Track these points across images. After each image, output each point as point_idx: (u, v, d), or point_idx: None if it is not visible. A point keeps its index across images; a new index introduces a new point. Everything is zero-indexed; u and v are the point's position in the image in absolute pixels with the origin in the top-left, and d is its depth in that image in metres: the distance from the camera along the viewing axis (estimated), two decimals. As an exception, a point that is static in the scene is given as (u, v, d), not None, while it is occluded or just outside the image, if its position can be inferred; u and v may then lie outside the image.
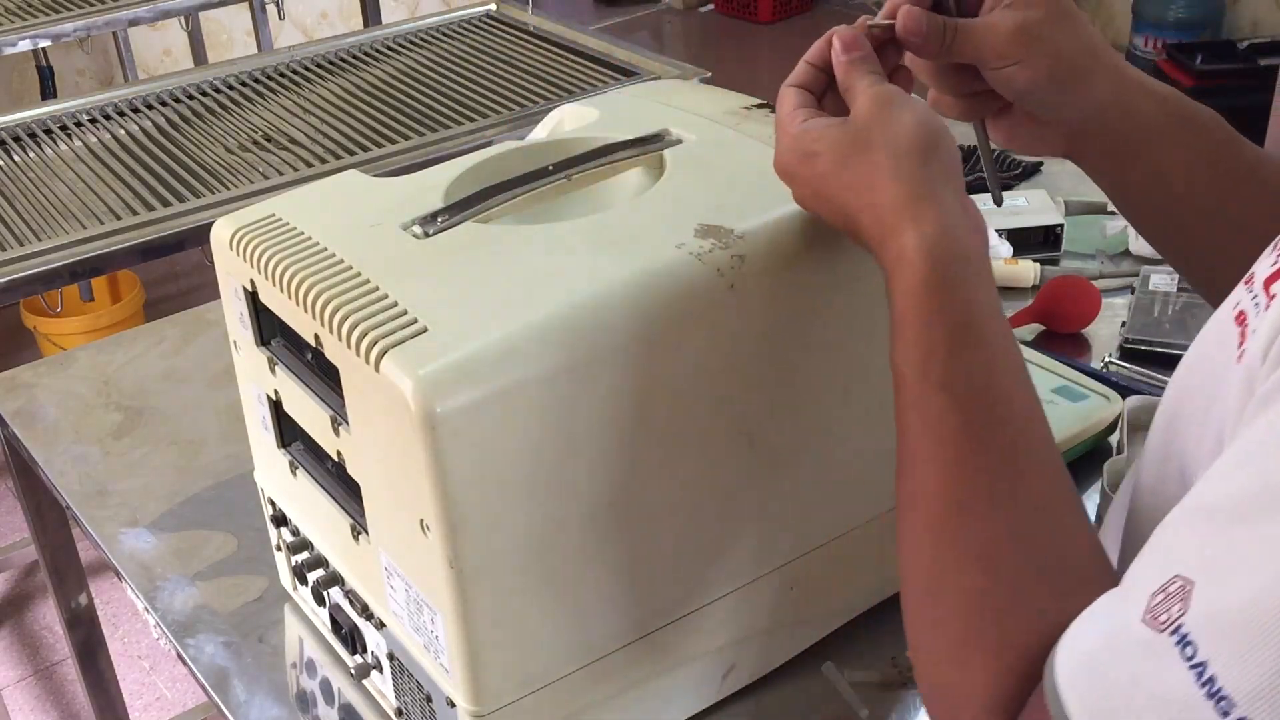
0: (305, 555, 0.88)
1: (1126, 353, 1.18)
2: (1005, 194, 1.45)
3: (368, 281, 0.72)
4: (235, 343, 0.87)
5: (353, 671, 0.88)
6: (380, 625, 0.82)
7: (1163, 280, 1.27)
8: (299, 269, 0.74)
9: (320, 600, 0.89)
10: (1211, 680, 0.43)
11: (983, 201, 1.47)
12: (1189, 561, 0.46)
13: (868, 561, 0.88)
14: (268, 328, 0.83)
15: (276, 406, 0.85)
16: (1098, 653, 0.49)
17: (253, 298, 0.81)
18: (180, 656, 0.96)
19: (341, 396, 0.74)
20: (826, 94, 0.73)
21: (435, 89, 1.99)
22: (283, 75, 2.08)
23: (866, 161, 0.66)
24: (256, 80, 2.06)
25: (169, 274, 3.17)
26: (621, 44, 2.08)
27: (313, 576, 0.87)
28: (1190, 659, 0.43)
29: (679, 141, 0.85)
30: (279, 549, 0.95)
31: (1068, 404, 1.05)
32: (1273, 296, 0.51)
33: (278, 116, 1.92)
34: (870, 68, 0.70)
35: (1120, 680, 0.46)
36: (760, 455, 0.79)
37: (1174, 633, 0.44)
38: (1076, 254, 1.37)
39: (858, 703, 0.85)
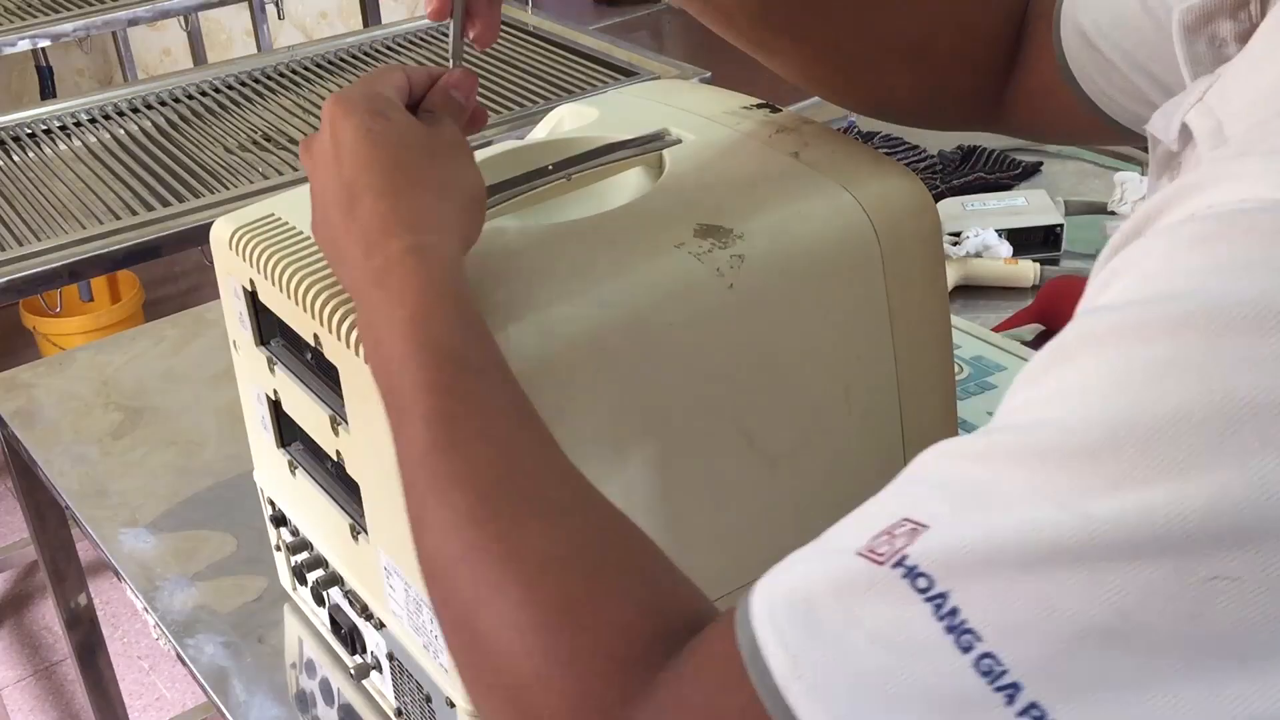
0: (305, 555, 0.88)
1: (1126, 353, 1.17)
2: (1005, 194, 1.45)
3: (367, 281, 0.72)
4: (235, 342, 0.87)
5: (352, 672, 0.87)
6: (380, 625, 0.81)
7: (1163, 280, 1.27)
8: (299, 269, 0.74)
9: (320, 600, 0.89)
10: (954, 612, 0.38)
11: (984, 200, 1.44)
12: (923, 505, 0.42)
13: (868, 562, 0.88)
14: (267, 327, 0.83)
15: (276, 406, 0.85)
16: (802, 590, 0.42)
17: (252, 297, 0.81)
18: (180, 657, 0.96)
19: (341, 396, 0.74)
20: None
21: (435, 89, 1.98)
22: (282, 75, 2.07)
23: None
24: (256, 80, 2.05)
25: (168, 274, 3.17)
26: (621, 44, 2.08)
27: (312, 576, 0.87)
28: (925, 590, 0.38)
29: (679, 141, 0.85)
30: (278, 549, 0.95)
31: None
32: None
33: (277, 116, 1.92)
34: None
35: (833, 621, 0.40)
36: (760, 455, 0.79)
37: (897, 564, 0.39)
38: (1076, 254, 1.37)
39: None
